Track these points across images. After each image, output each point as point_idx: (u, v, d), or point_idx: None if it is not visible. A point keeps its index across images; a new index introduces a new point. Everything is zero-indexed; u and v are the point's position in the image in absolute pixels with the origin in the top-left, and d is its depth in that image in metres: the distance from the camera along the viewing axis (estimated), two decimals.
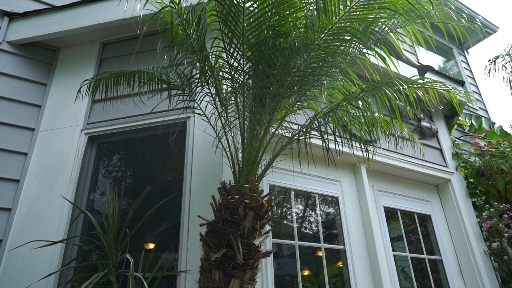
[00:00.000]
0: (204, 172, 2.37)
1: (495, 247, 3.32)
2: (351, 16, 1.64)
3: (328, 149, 2.14)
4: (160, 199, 2.47)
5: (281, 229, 2.69)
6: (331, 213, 3.01)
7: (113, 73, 2.21)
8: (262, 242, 1.78)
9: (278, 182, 2.74)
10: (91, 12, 3.01)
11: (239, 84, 1.95)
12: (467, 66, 6.62)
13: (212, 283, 1.66)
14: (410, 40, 1.90)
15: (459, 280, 3.31)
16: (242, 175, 1.87)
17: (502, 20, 36.32)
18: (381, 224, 3.13)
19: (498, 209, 3.55)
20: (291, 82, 1.84)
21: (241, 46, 1.81)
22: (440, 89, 2.08)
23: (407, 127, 2.45)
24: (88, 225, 2.51)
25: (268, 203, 1.85)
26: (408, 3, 1.63)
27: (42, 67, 3.10)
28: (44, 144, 2.79)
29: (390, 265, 2.96)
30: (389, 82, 1.90)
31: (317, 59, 1.83)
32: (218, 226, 1.74)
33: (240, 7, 1.69)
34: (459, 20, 1.90)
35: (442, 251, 3.39)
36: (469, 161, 3.98)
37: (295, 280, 2.52)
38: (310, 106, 2.33)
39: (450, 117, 4.25)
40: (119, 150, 2.84)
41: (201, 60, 2.00)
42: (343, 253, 2.83)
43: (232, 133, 2.13)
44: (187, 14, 1.92)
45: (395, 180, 3.51)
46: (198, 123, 2.54)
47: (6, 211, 2.55)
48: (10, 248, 2.42)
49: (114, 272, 1.97)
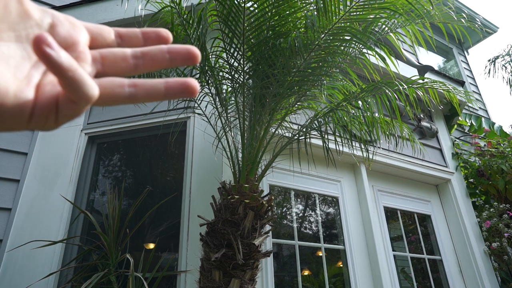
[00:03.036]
0: (204, 172, 2.37)
1: (495, 247, 3.32)
2: (351, 16, 1.65)
3: (328, 149, 2.14)
4: (160, 199, 2.47)
5: (281, 229, 2.70)
6: (331, 213, 3.01)
7: None
8: (262, 242, 1.79)
9: (278, 182, 2.74)
10: (91, 12, 3.01)
11: (239, 84, 1.95)
12: (467, 66, 6.63)
13: (212, 283, 1.66)
14: (410, 40, 1.90)
15: (459, 280, 3.31)
16: (242, 175, 1.87)
17: (502, 20, 36.26)
18: (381, 224, 3.13)
19: (498, 209, 3.55)
20: (291, 82, 1.84)
21: (241, 46, 1.81)
22: (440, 89, 2.08)
23: (407, 127, 2.45)
24: (88, 225, 2.51)
25: (268, 203, 1.85)
26: (408, 3, 1.63)
27: None
28: (44, 144, 2.79)
29: (390, 265, 2.96)
30: (389, 82, 1.91)
31: (317, 59, 1.83)
32: (218, 226, 1.74)
33: (240, 7, 1.69)
34: (459, 20, 1.90)
35: (442, 251, 3.40)
36: (469, 161, 3.98)
37: (295, 280, 2.52)
38: (310, 106, 2.33)
39: (450, 117, 4.25)
40: (119, 150, 2.84)
41: (201, 60, 2.00)
42: (343, 253, 2.83)
43: (232, 133, 2.13)
44: (187, 14, 1.92)
45: (395, 180, 3.51)
46: (198, 123, 2.55)
47: (6, 211, 2.55)
48: (10, 248, 2.42)
49: (114, 272, 1.97)
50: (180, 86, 0.27)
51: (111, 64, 0.28)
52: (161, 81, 0.27)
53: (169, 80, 0.27)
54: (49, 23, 0.27)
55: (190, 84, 0.27)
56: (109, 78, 0.27)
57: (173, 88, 0.27)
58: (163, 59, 0.28)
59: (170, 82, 0.27)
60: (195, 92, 0.27)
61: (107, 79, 0.27)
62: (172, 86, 0.27)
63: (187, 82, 0.27)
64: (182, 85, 0.27)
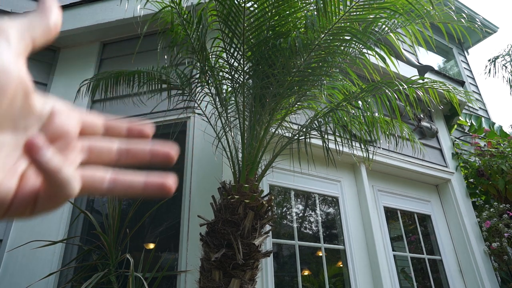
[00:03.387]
0: (204, 172, 2.37)
1: (495, 247, 3.32)
2: (351, 16, 1.65)
3: (328, 149, 2.14)
4: (160, 199, 2.47)
5: (281, 229, 2.70)
6: (331, 213, 3.01)
7: (112, 73, 2.21)
8: (262, 242, 1.78)
9: (278, 182, 2.74)
10: (91, 12, 3.01)
11: (239, 84, 1.95)
12: (467, 66, 6.63)
13: (212, 283, 1.66)
14: (410, 40, 1.90)
15: (459, 280, 3.31)
16: (242, 175, 1.87)
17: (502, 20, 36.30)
18: (381, 224, 3.13)
19: (498, 209, 3.55)
20: (291, 82, 1.84)
21: (241, 46, 1.81)
22: (440, 89, 2.08)
23: (407, 127, 2.45)
24: (88, 225, 2.51)
25: (268, 203, 1.85)
26: (408, 3, 1.63)
27: (42, 67, 3.10)
28: None
29: (390, 265, 2.96)
30: (389, 82, 1.90)
31: (317, 59, 1.83)
32: (218, 226, 1.74)
33: (240, 7, 1.69)
34: (459, 20, 1.90)
35: (442, 251, 3.39)
36: (469, 161, 3.98)
37: (295, 280, 2.52)
38: (310, 106, 2.33)
39: (450, 117, 4.25)
40: None
41: (201, 60, 2.00)
42: (343, 253, 2.83)
43: (232, 133, 2.13)
44: (187, 14, 1.92)
45: (395, 180, 3.51)
46: (198, 123, 2.54)
47: None
48: (10, 248, 2.42)
49: (114, 272, 1.97)
50: (157, 186, 0.29)
51: (96, 156, 0.30)
52: (141, 179, 0.29)
53: (148, 179, 0.29)
54: (48, 113, 0.28)
55: (167, 185, 0.29)
56: (92, 171, 0.28)
57: (151, 187, 0.29)
58: (144, 157, 0.31)
59: (149, 181, 0.29)
60: (171, 192, 0.30)
61: (90, 173, 0.28)
62: (150, 186, 0.29)
63: (165, 184, 0.29)
64: (160, 186, 0.29)
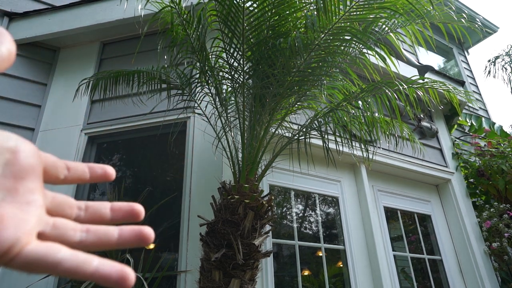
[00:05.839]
0: (204, 172, 2.37)
1: (495, 247, 3.31)
2: (351, 16, 1.64)
3: (328, 149, 2.14)
4: (160, 199, 2.47)
5: (281, 229, 2.69)
6: (331, 213, 3.01)
7: (112, 73, 2.21)
8: (262, 242, 1.78)
9: (278, 182, 2.74)
10: (91, 12, 3.01)
11: (239, 84, 1.95)
12: (467, 66, 6.62)
13: (212, 283, 1.66)
14: (410, 40, 1.90)
15: (459, 280, 3.31)
16: (242, 175, 1.87)
17: (502, 20, 36.30)
18: (381, 224, 3.13)
19: (498, 209, 3.55)
20: (291, 82, 1.84)
21: (241, 46, 1.81)
22: (440, 89, 2.08)
23: (407, 127, 2.45)
24: None
25: (268, 203, 1.85)
26: (408, 3, 1.63)
27: (42, 67, 3.10)
28: (44, 144, 2.79)
29: (390, 265, 2.96)
30: (389, 82, 1.90)
31: (317, 59, 1.83)
32: (218, 226, 1.74)
33: (240, 7, 1.68)
34: (459, 20, 1.90)
35: (442, 251, 3.39)
36: (469, 161, 3.98)
37: (295, 280, 2.52)
38: (310, 106, 2.33)
39: (450, 117, 4.25)
40: (119, 150, 2.84)
41: (201, 60, 1.99)
42: (343, 253, 2.83)
43: (232, 133, 2.13)
44: (187, 14, 1.92)
45: (395, 180, 3.51)
46: (198, 123, 2.54)
47: None
48: None
49: None
50: (134, 235, 0.26)
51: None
52: (115, 228, 0.27)
53: (123, 228, 0.26)
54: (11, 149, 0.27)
55: (144, 233, 0.26)
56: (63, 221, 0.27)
57: (126, 237, 0.26)
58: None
59: (124, 230, 0.26)
60: (150, 240, 0.27)
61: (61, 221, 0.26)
62: (126, 235, 0.26)
63: (142, 231, 0.26)
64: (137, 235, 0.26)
